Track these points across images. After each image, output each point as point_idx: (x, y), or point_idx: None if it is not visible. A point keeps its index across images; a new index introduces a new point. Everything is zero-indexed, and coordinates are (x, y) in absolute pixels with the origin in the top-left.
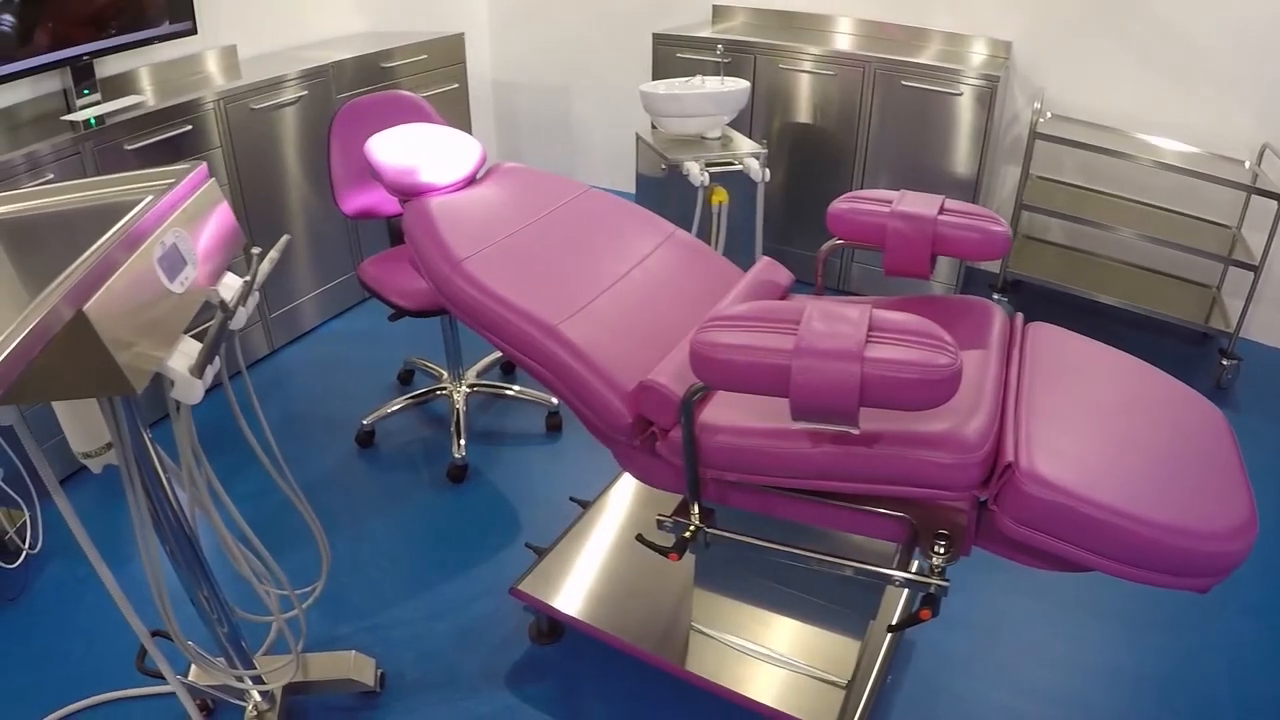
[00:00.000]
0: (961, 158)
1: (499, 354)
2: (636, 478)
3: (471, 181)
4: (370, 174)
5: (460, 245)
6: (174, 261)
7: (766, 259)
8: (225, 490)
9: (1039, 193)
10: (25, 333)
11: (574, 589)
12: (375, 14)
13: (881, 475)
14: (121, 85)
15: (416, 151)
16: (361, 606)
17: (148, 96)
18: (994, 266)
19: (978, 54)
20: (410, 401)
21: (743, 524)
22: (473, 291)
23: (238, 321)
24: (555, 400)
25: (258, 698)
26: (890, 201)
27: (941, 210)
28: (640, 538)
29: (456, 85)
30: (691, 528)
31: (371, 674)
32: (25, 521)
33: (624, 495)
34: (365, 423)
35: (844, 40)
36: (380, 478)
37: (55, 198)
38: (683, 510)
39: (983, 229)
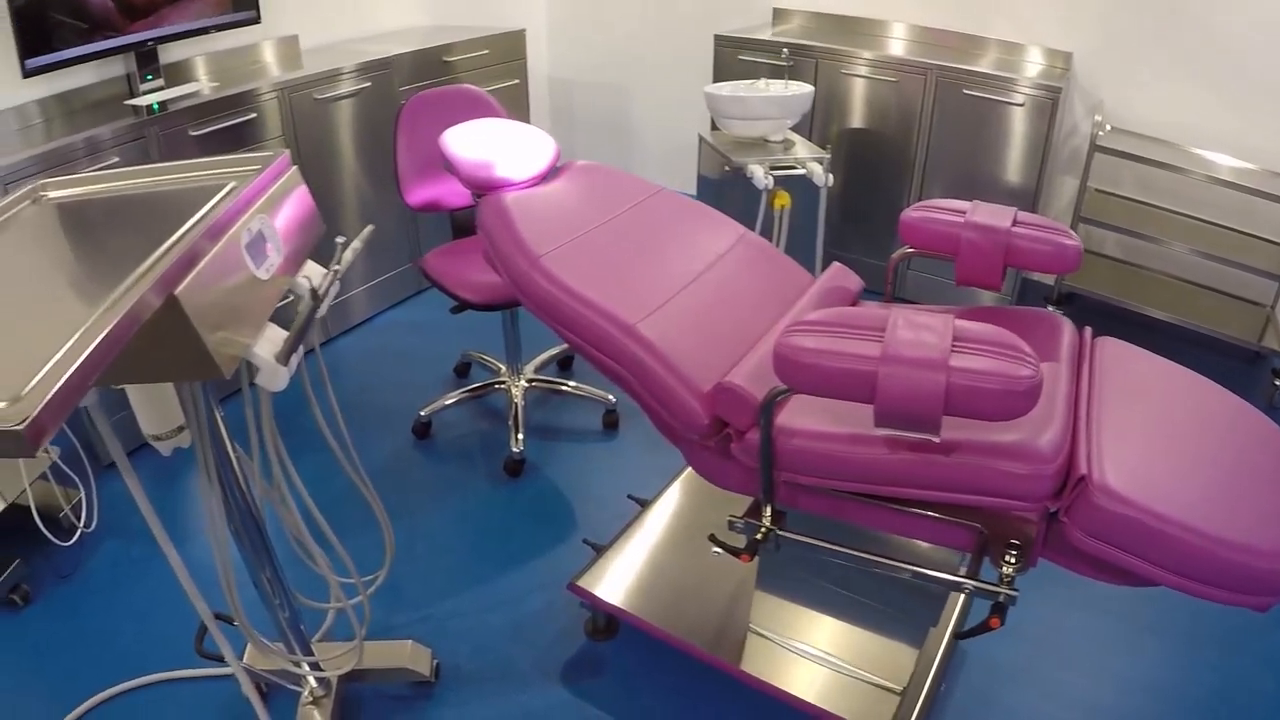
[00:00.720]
0: (1020, 168)
1: (557, 349)
2: (705, 478)
3: (545, 178)
4: (444, 167)
5: (538, 241)
6: (259, 248)
7: (837, 265)
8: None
9: (1096, 206)
10: (121, 314)
11: (632, 586)
12: (436, 8)
13: (956, 484)
14: (182, 72)
15: (492, 146)
16: (417, 596)
17: (210, 84)
18: (1048, 278)
19: (1034, 64)
20: (467, 394)
21: (805, 527)
22: (551, 288)
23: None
24: (612, 398)
25: (314, 683)
26: (963, 212)
27: (1014, 222)
28: (713, 538)
29: (517, 81)
30: (763, 530)
31: (428, 664)
32: (80, 499)
33: (683, 495)
34: (422, 414)
35: (899, 46)
36: (437, 469)
37: (137, 180)
38: (754, 512)
39: (1056, 242)
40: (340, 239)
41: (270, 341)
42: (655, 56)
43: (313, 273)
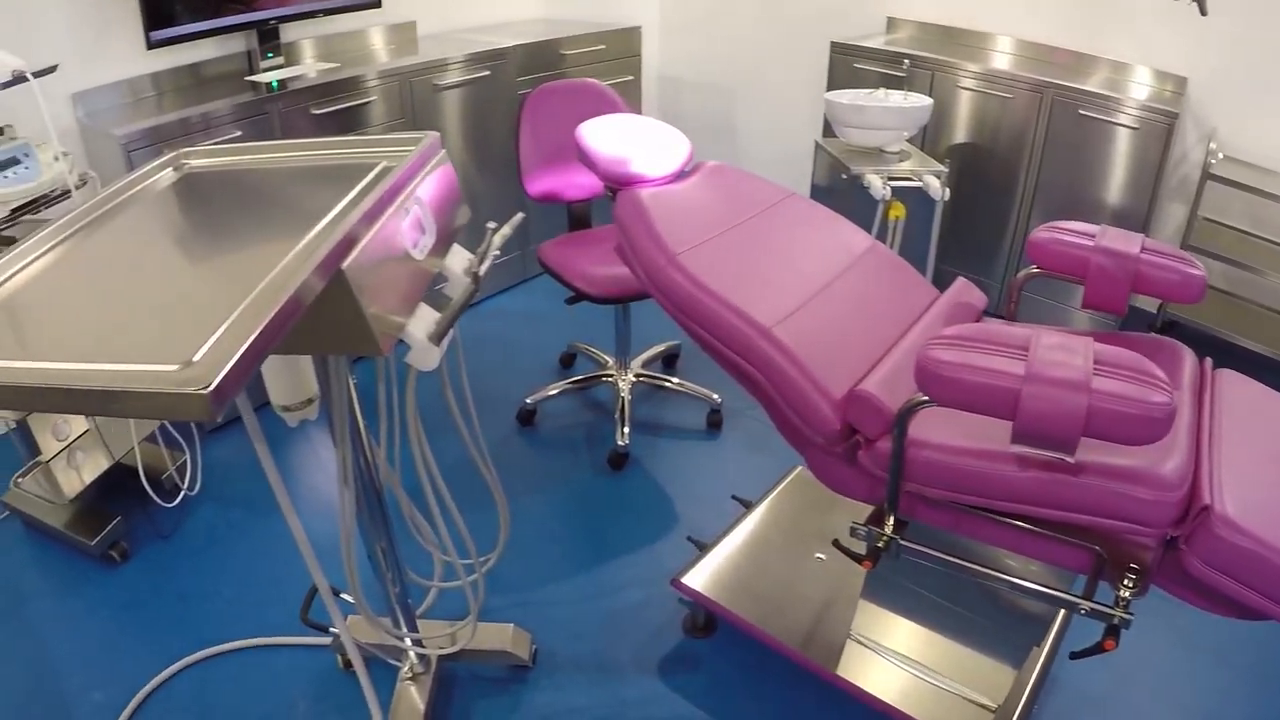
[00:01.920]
0: (1130, 192)
1: (664, 346)
2: (825, 483)
3: (679, 176)
4: (579, 158)
5: (675, 239)
6: (415, 228)
7: (963, 280)
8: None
9: (1203, 234)
10: (297, 285)
11: (734, 586)
12: (550, 1)
13: (1081, 505)
14: (298, 52)
15: (628, 142)
16: (517, 580)
17: (327, 65)
18: (1151, 305)
19: (1143, 85)
20: (571, 385)
21: (917, 538)
22: (688, 285)
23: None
24: (718, 397)
25: (414, 659)
26: (1092, 235)
27: (1142, 249)
28: (837, 543)
29: (631, 78)
30: (885, 538)
31: (527, 649)
32: (185, 461)
33: (787, 499)
34: (528, 401)
35: (1005, 60)
36: (540, 457)
37: (279, 154)
38: (876, 520)
39: (1183, 271)
40: (491, 224)
41: (422, 321)
42: (766, 59)
43: (459, 256)
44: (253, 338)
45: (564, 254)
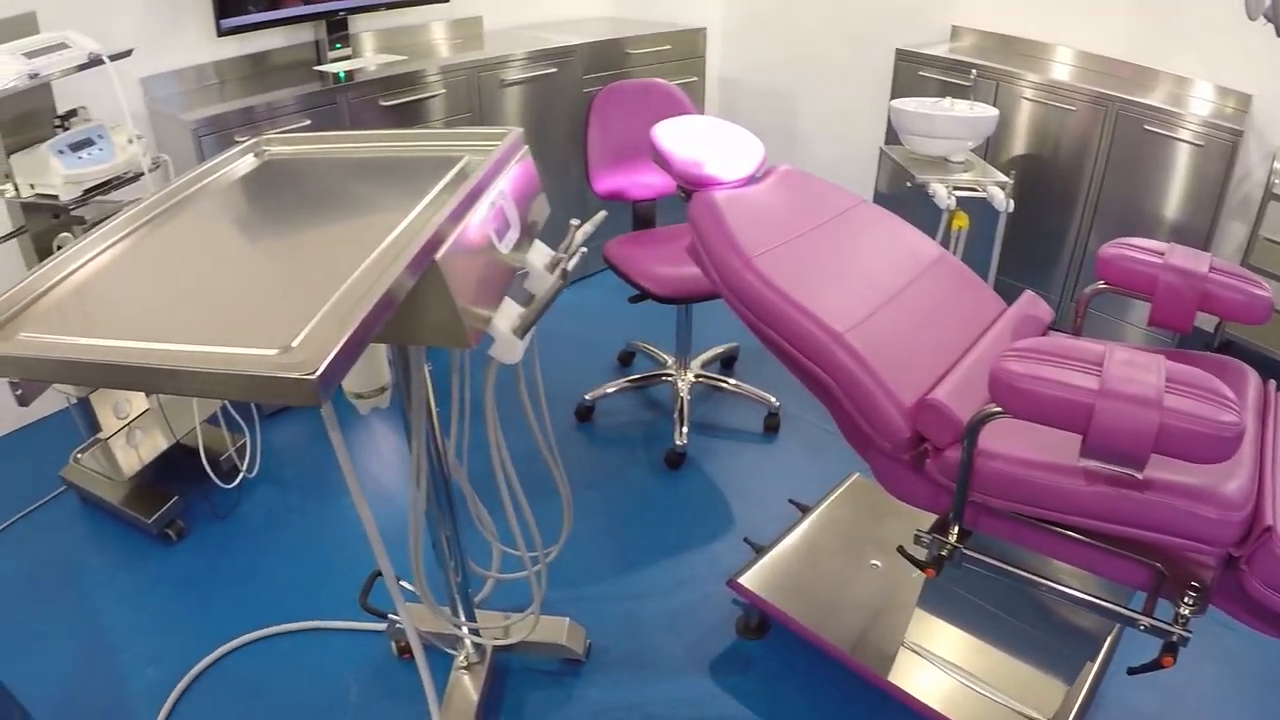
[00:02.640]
0: (1192, 210)
1: (722, 348)
2: (889, 490)
3: (752, 179)
4: (653, 159)
5: (750, 242)
6: (501, 223)
7: (1029, 293)
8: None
9: (1265, 255)
10: (395, 275)
11: (789, 589)
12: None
13: (1144, 521)
14: (366, 43)
15: (703, 144)
16: (572, 575)
17: (395, 57)
18: (1208, 324)
19: (1205, 101)
20: (629, 383)
21: (976, 547)
22: (763, 288)
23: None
24: (775, 400)
25: (470, 648)
26: (1161, 253)
27: (1210, 268)
28: (901, 549)
29: (695, 79)
30: (949, 547)
31: (581, 643)
32: (245, 443)
33: (844, 505)
34: (586, 398)
35: (1065, 71)
36: (597, 453)
37: (359, 144)
38: (941, 529)
39: (1249, 293)
40: (574, 221)
41: (507, 315)
42: (828, 63)
43: (540, 251)
44: (355, 326)
45: (630, 253)
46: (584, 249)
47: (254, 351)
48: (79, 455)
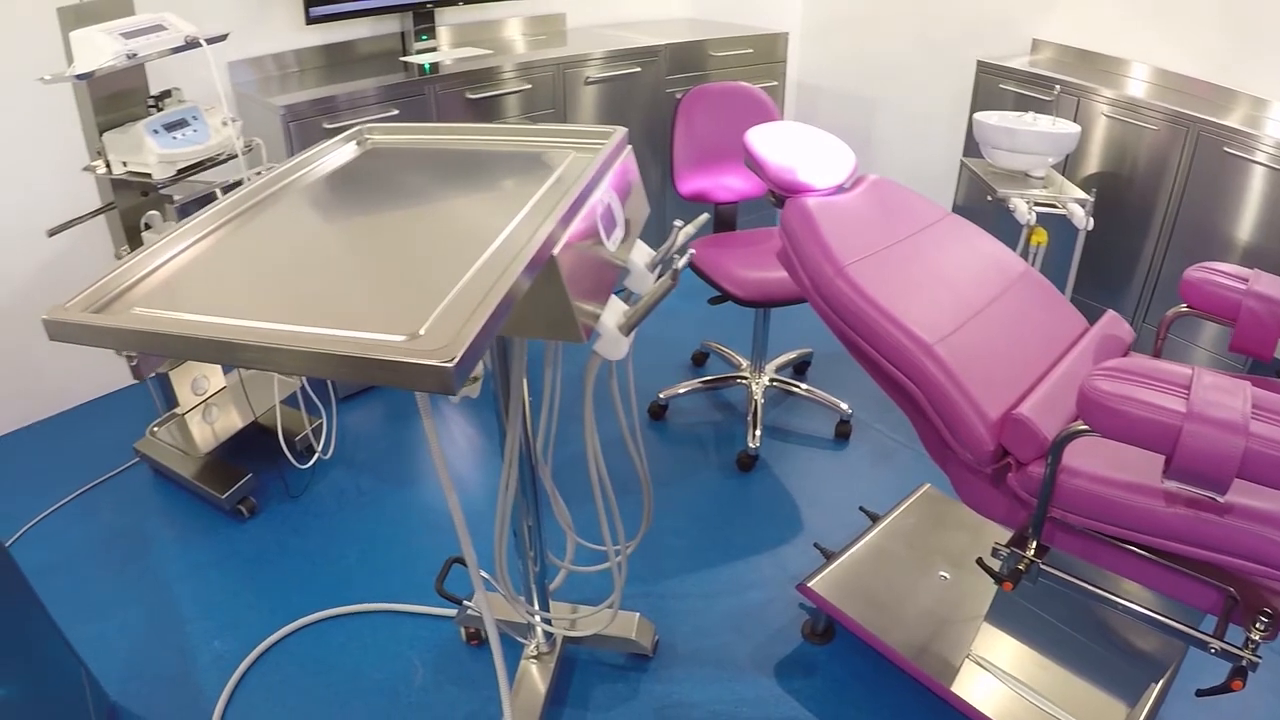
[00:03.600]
0: (1268, 235)
1: (795, 353)
2: (966, 501)
3: (842, 187)
4: (745, 163)
5: (843, 250)
6: (609, 221)
7: (1112, 313)
8: None
9: None
10: (521, 268)
11: (858, 596)
12: (697, 1)
13: (1222, 545)
14: (450, 35)
15: (795, 150)
16: (641, 571)
17: (482, 51)
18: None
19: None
20: (703, 384)
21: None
22: (855, 297)
23: (645, 285)
24: (847, 407)
25: (541, 639)
26: (1245, 279)
27: None
28: (980, 561)
29: (775, 84)
30: (1026, 561)
31: (650, 639)
32: (321, 424)
33: (914, 515)
34: (660, 397)
35: (1140, 88)
36: (670, 452)
37: (459, 136)
38: (1019, 543)
39: None
40: (678, 222)
41: (613, 312)
42: (907, 71)
43: (641, 250)
44: (487, 317)
45: (713, 255)
46: (692, 250)
47: (381, 337)
48: (155, 429)
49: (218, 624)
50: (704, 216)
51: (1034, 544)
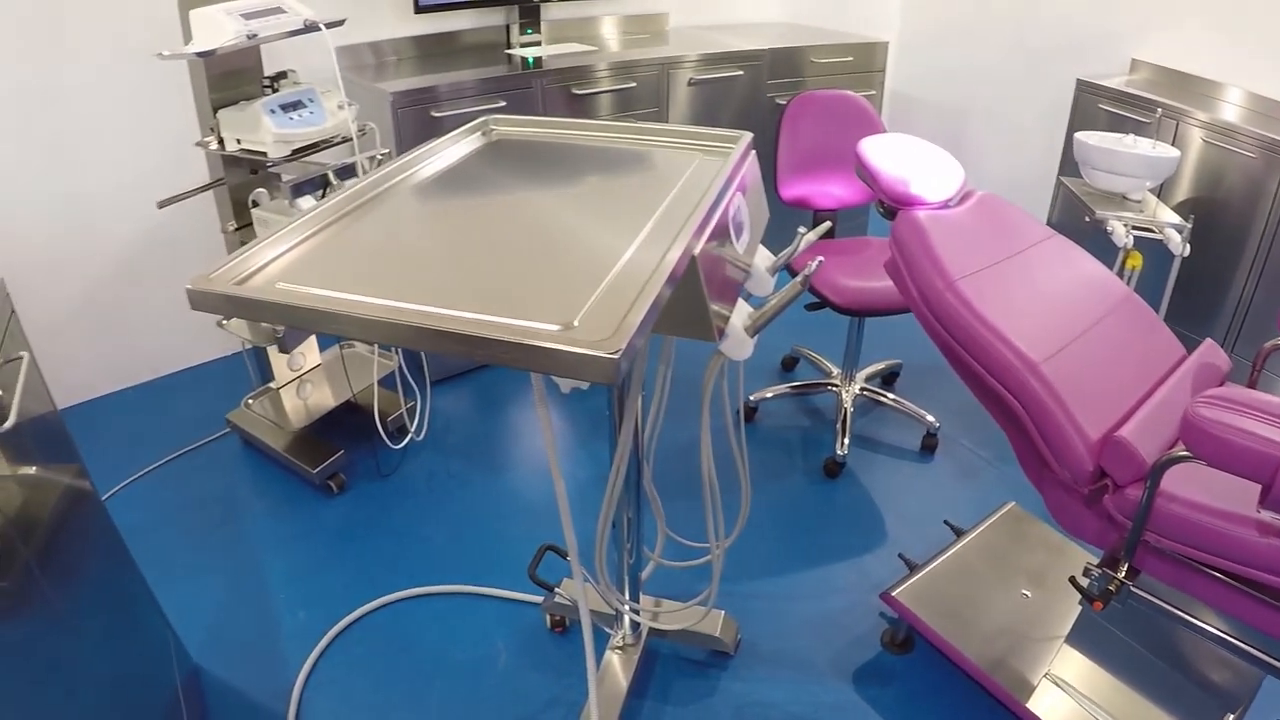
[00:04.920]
0: None
1: (885, 363)
2: (1058, 520)
3: (950, 202)
4: (857, 172)
5: (954, 264)
6: (739, 224)
7: (1210, 341)
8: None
9: None
10: (671, 266)
11: (940, 608)
12: (796, 6)
13: None
14: (552, 30)
15: (908, 163)
16: (726, 570)
17: (586, 47)
18: None
19: None
20: (793, 389)
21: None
22: (964, 312)
23: (764, 288)
24: (934, 420)
25: (628, 630)
26: None
27: None
28: (1073, 579)
29: (873, 93)
30: (1117, 583)
31: (733, 637)
32: (415, 406)
33: (998, 533)
34: (751, 399)
35: (1234, 113)
36: (757, 455)
37: (581, 132)
38: (1109, 564)
39: None
40: (801, 229)
41: (740, 313)
42: (1004, 85)
43: (763, 254)
44: (645, 310)
45: (810, 261)
46: (821, 259)
47: (536, 325)
48: (250, 401)
49: (303, 595)
50: (826, 224)
51: (1125, 566)
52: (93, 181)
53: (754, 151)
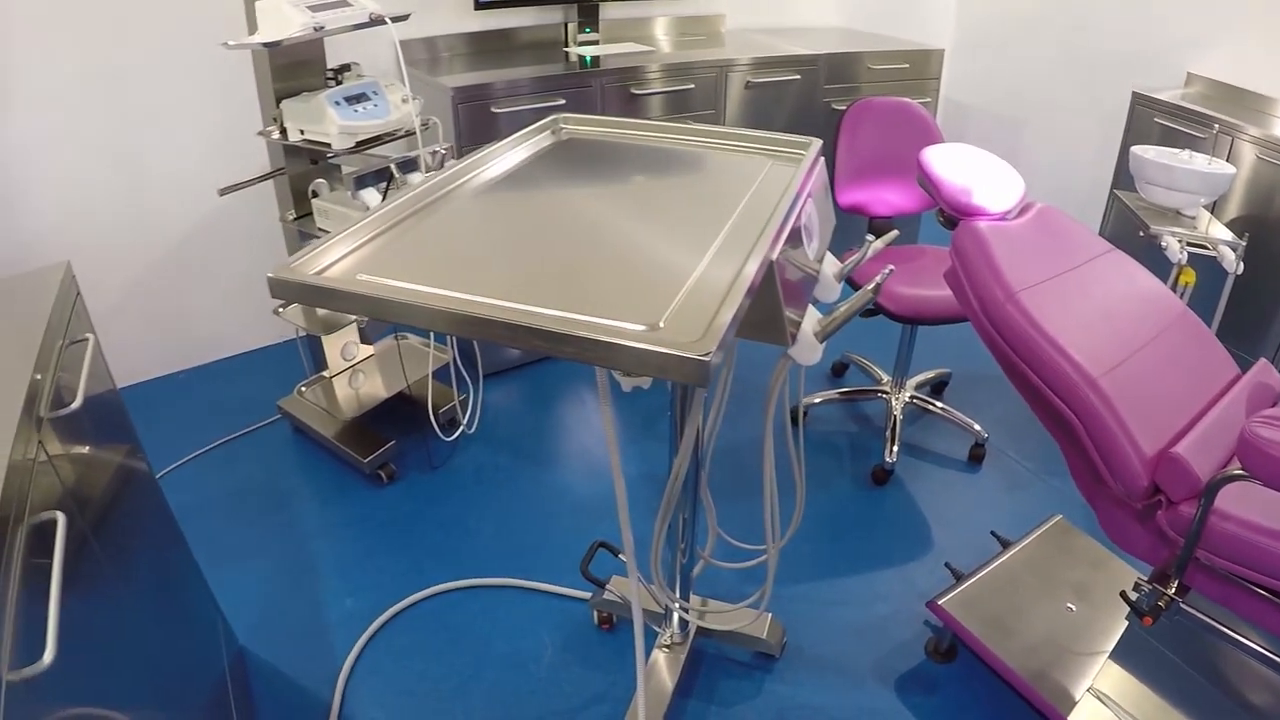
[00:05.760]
0: None
1: (935, 372)
2: (1109, 534)
3: (1007, 214)
4: (919, 181)
5: (1015, 276)
6: (810, 231)
7: (1264, 361)
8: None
9: None
10: (754, 270)
11: (986, 619)
12: (850, 10)
13: None
14: (608, 30)
15: (970, 173)
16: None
17: (643, 47)
18: None
19: None
20: (840, 395)
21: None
22: (1024, 324)
23: (831, 294)
24: (981, 429)
25: (676, 629)
26: None
27: None
28: (1124, 595)
29: (928, 100)
30: (1166, 599)
31: (779, 640)
32: (469, 399)
33: (1045, 545)
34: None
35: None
36: (805, 459)
37: (650, 133)
38: (1160, 580)
39: None
40: (870, 237)
41: (810, 319)
42: (1057, 96)
43: (830, 261)
44: (733, 314)
45: (868, 268)
46: (891, 267)
47: (620, 324)
48: (303, 389)
49: (350, 583)
50: (894, 233)
51: (1175, 583)
52: (151, 167)
53: (822, 159)
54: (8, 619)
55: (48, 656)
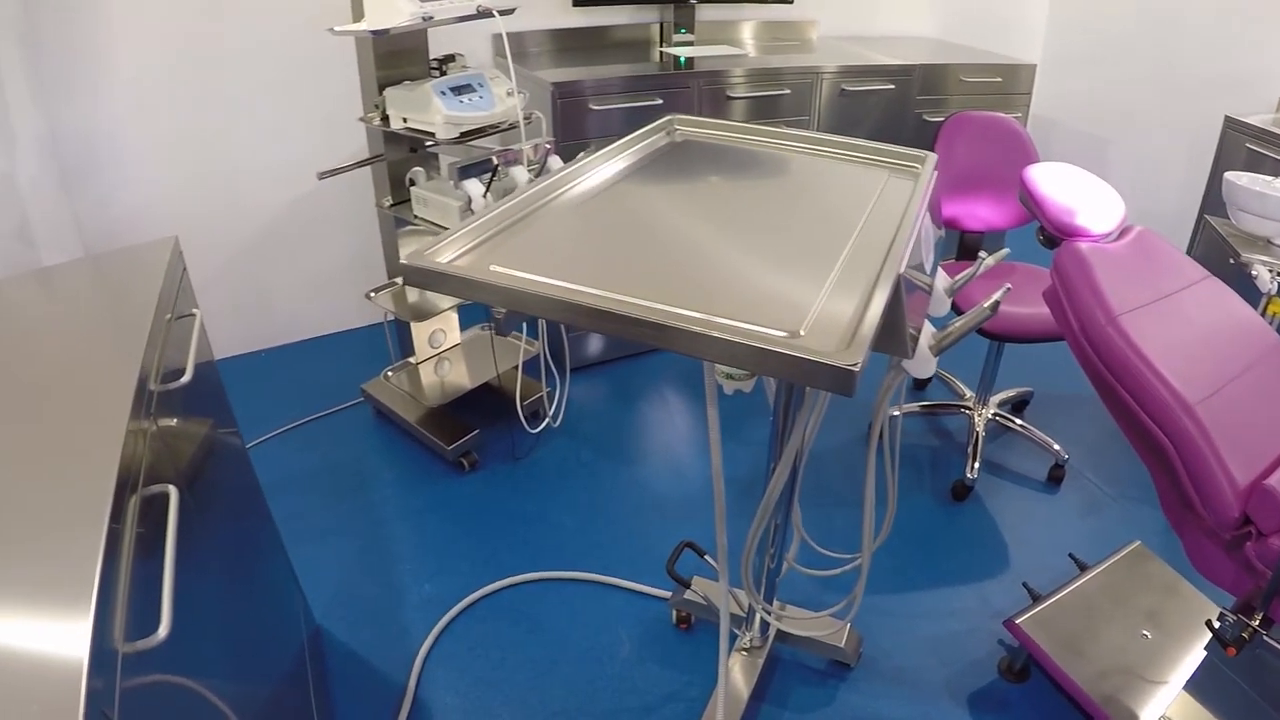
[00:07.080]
0: None
1: (1017, 390)
2: (1194, 563)
3: (1108, 235)
4: (1021, 199)
5: (1117, 299)
6: (927, 244)
7: None
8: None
9: None
10: (891, 280)
11: (1061, 641)
12: (943, 21)
13: None
14: (702, 31)
15: (1074, 193)
16: (849, 582)
17: (736, 51)
18: None
19: None
20: (922, 409)
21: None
22: (1124, 347)
23: (941, 309)
24: (1061, 450)
25: (756, 633)
26: None
27: None
28: (1209, 623)
29: (1019, 115)
30: (1250, 630)
31: (856, 650)
32: (556, 391)
33: (1123, 571)
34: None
35: None
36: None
37: (763, 139)
38: (1245, 611)
39: None
40: (982, 254)
41: (925, 333)
42: (1146, 116)
43: (941, 276)
44: (875, 326)
45: (972, 287)
46: (1008, 286)
47: (762, 329)
48: (389, 374)
49: (429, 568)
50: (1005, 250)
51: (1260, 615)
52: (247, 148)
53: (936, 173)
54: (121, 590)
55: (163, 630)
